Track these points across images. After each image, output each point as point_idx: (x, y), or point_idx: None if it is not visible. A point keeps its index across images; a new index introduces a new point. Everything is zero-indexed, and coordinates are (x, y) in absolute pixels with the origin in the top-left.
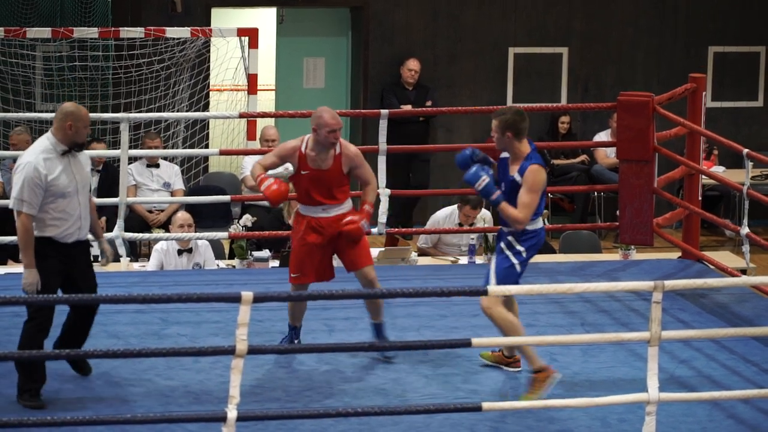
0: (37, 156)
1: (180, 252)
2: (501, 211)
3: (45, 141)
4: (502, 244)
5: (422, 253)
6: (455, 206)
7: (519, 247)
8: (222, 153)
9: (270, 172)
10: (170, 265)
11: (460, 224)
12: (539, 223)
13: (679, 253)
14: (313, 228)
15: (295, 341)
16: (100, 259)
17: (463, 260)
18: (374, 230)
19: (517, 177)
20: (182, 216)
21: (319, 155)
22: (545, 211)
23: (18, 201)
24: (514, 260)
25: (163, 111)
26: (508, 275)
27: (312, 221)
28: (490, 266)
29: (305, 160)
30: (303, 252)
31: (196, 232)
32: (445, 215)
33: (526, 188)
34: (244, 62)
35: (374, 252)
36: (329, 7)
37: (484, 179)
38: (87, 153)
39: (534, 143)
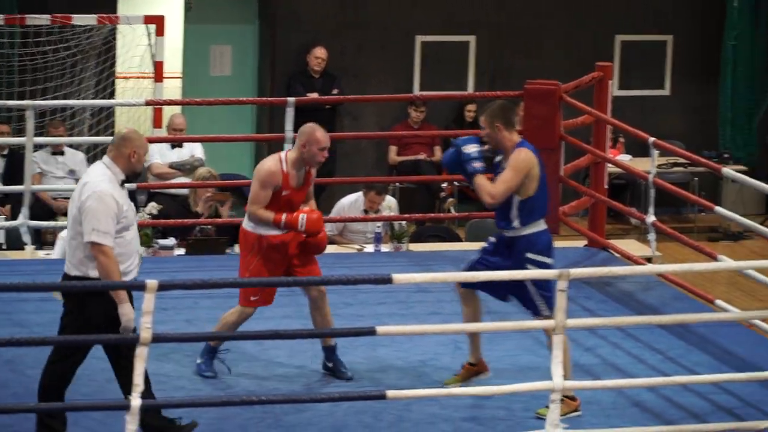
0: (106, 184)
1: None
2: (476, 187)
3: (104, 168)
4: (530, 266)
5: (328, 240)
6: (360, 193)
7: (547, 260)
8: None
9: (175, 162)
10: None
11: (366, 211)
12: (542, 225)
13: (585, 242)
14: (274, 247)
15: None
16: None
17: (369, 248)
18: None
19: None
20: None
21: (298, 173)
22: (451, 198)
23: (98, 233)
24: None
25: (69, 98)
26: (544, 289)
27: (272, 240)
28: (529, 295)
29: (288, 180)
30: (266, 273)
31: None
32: (350, 201)
33: (508, 167)
34: (150, 50)
35: None
36: None
37: (473, 147)
38: None
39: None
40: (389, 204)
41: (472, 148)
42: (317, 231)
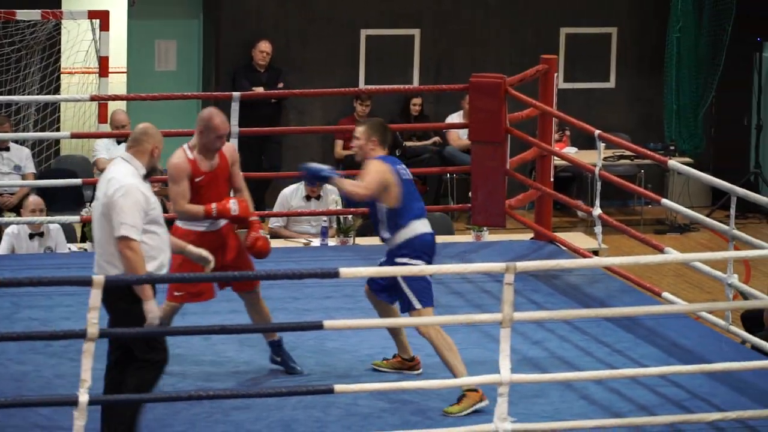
0: (132, 178)
1: (32, 236)
2: (344, 186)
3: (126, 164)
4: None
5: (274, 234)
6: (300, 182)
7: (414, 261)
8: (73, 136)
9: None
10: (22, 249)
11: (307, 196)
12: (419, 228)
13: (532, 235)
14: (203, 243)
15: None
16: None
17: (316, 242)
18: None
19: None
20: (34, 200)
21: (207, 158)
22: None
23: (126, 227)
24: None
25: (14, 94)
26: (423, 289)
27: (201, 236)
28: (403, 291)
29: (197, 165)
30: (191, 269)
31: (47, 216)
32: (291, 190)
33: (365, 171)
34: (95, 45)
35: None
36: None
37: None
38: None
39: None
40: (336, 199)
41: (318, 165)
42: (249, 216)
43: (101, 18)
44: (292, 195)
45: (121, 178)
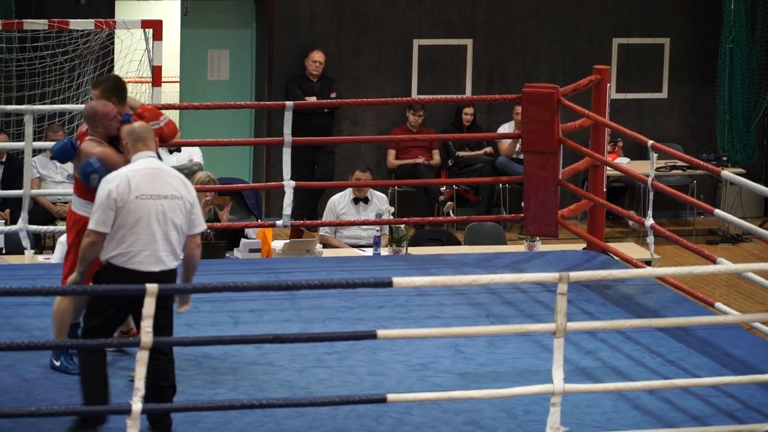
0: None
1: None
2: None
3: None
4: None
5: (324, 242)
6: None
7: None
8: None
9: (173, 166)
10: None
11: (355, 199)
12: None
13: (584, 245)
14: None
15: None
16: None
17: (368, 252)
18: (279, 222)
19: None
20: None
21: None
22: (450, 202)
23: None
24: None
25: (67, 103)
26: None
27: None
28: None
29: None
30: None
31: None
32: (339, 196)
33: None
34: (148, 54)
35: (279, 244)
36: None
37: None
38: None
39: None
40: (388, 209)
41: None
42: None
43: (154, 27)
44: (339, 201)
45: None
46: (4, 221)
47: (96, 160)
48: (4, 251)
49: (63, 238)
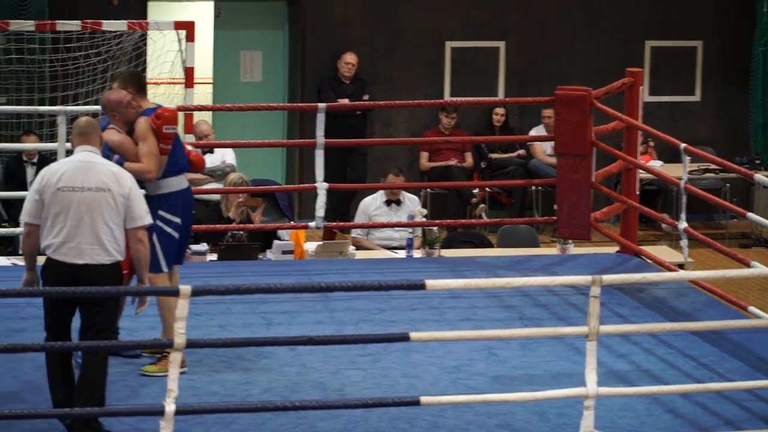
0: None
1: None
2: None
3: (99, 155)
4: (158, 222)
5: (357, 244)
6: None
7: (172, 218)
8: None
9: (206, 168)
10: None
11: (388, 201)
12: (182, 183)
13: (617, 248)
14: None
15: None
16: None
17: (401, 254)
18: (312, 224)
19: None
20: None
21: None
22: (482, 204)
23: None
24: (171, 230)
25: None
26: (171, 247)
27: None
28: (153, 247)
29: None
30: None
31: None
32: (371, 198)
33: (138, 139)
34: (181, 55)
35: (312, 246)
36: (266, 1)
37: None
38: (21, 146)
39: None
40: (420, 210)
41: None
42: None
43: (187, 29)
44: (372, 203)
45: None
46: None
47: (117, 158)
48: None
49: None
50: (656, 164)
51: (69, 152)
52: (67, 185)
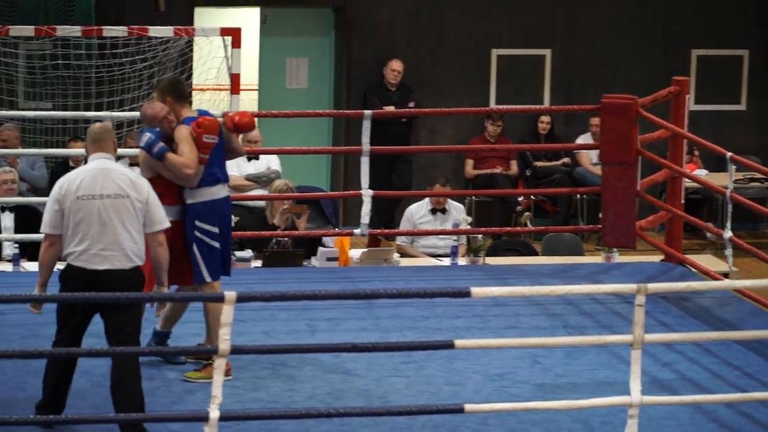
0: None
1: None
2: (168, 165)
3: (113, 161)
4: (196, 233)
5: (401, 251)
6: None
7: (209, 228)
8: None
9: (251, 174)
10: None
11: (433, 209)
12: (219, 193)
13: (662, 256)
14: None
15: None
16: None
17: (446, 261)
18: (357, 231)
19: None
20: None
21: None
22: (527, 212)
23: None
24: (209, 240)
25: None
26: (214, 258)
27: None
28: (194, 258)
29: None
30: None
31: None
32: (417, 206)
33: (179, 143)
34: (227, 62)
35: (356, 253)
36: (312, 7)
37: (147, 136)
38: (68, 151)
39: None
40: (466, 218)
41: (145, 137)
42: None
43: (233, 35)
44: (417, 210)
45: (134, 173)
46: None
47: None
48: None
49: None
50: (701, 173)
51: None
52: (86, 193)
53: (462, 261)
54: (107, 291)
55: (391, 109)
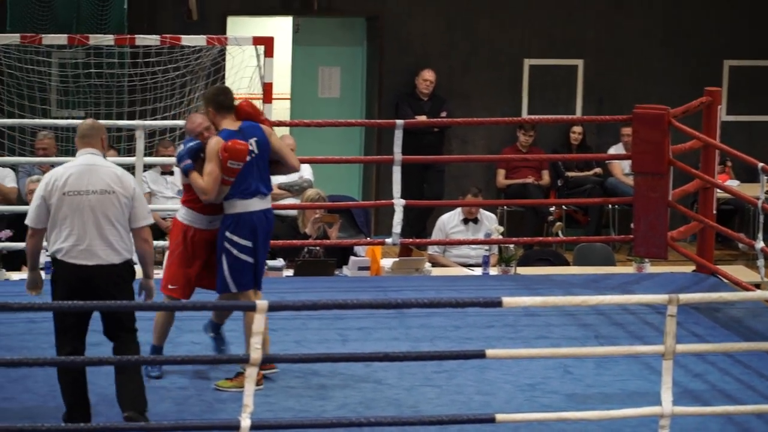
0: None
1: None
2: (190, 182)
3: (101, 157)
4: (225, 243)
5: (433, 261)
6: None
7: (240, 241)
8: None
9: (283, 183)
10: None
11: (465, 219)
12: (251, 206)
13: (693, 267)
14: (200, 240)
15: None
16: None
17: (477, 271)
18: (388, 240)
19: None
20: None
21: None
22: (559, 222)
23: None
24: (238, 254)
25: (179, 119)
26: (241, 270)
27: (200, 233)
28: (221, 267)
29: None
30: (183, 264)
31: None
32: (449, 216)
33: (206, 159)
34: (259, 71)
35: (388, 262)
36: (345, 17)
37: (181, 147)
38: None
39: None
40: (497, 228)
41: (181, 147)
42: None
43: (266, 44)
44: (449, 220)
45: (122, 171)
46: None
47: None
48: None
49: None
50: (733, 183)
51: (147, 167)
52: (72, 189)
53: (493, 271)
54: (99, 286)
55: (423, 118)
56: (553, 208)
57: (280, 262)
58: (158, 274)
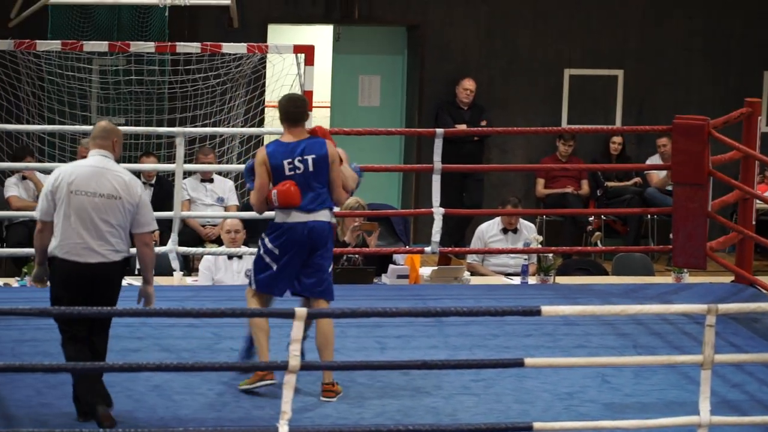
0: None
1: (230, 257)
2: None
3: (112, 160)
4: (260, 241)
5: (472, 269)
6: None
7: (268, 244)
8: None
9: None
10: (220, 272)
11: (504, 229)
12: (290, 218)
13: (732, 277)
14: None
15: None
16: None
17: (516, 280)
18: (427, 249)
19: None
20: (230, 222)
21: None
22: (598, 232)
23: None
24: (263, 254)
25: (219, 126)
26: (256, 263)
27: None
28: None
29: None
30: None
31: (247, 242)
32: (488, 225)
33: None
34: (299, 79)
35: (427, 271)
36: (385, 26)
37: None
38: (140, 166)
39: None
40: (536, 237)
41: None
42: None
43: (306, 52)
44: (488, 229)
45: (130, 175)
46: (154, 242)
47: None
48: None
49: (204, 260)
50: None
51: (186, 174)
52: (79, 189)
53: (532, 280)
54: (97, 282)
55: (463, 127)
56: (592, 218)
57: None
58: (197, 279)
